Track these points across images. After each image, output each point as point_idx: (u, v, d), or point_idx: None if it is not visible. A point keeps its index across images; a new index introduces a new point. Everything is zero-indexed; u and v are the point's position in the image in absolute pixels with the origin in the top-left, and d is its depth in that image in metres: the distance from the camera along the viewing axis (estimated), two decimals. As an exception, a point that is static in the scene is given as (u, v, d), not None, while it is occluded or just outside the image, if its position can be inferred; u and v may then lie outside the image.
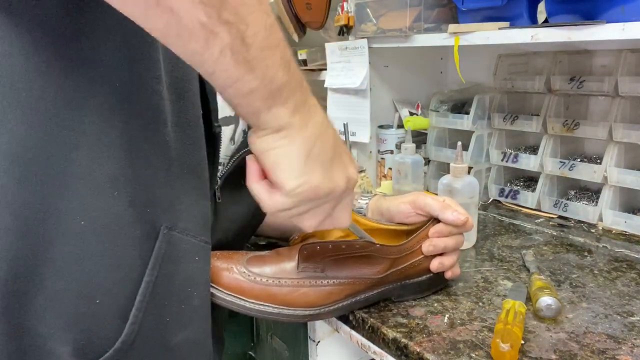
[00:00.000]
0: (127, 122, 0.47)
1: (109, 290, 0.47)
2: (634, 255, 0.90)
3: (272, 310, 0.65)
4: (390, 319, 0.69)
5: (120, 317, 0.48)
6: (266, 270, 0.66)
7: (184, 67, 0.52)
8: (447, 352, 0.61)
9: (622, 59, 0.99)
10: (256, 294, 0.65)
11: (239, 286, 0.64)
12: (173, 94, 0.52)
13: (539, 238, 0.99)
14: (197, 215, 0.55)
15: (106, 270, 0.47)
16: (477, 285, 0.79)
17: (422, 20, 1.13)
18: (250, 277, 0.65)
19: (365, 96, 1.27)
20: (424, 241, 0.72)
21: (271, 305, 0.65)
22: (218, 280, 0.64)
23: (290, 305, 0.65)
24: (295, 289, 0.66)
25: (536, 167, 1.12)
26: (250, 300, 0.64)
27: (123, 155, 0.47)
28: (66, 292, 0.45)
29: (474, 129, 1.19)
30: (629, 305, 0.72)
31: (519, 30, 0.94)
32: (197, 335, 0.56)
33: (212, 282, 0.62)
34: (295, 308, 0.66)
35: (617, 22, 0.80)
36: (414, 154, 1.14)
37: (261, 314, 0.65)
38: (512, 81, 1.18)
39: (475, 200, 0.93)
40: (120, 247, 0.47)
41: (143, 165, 0.48)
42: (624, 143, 1.00)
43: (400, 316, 0.70)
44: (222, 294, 0.64)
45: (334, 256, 0.67)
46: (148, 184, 0.49)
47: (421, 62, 1.39)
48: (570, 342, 0.63)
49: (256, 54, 0.41)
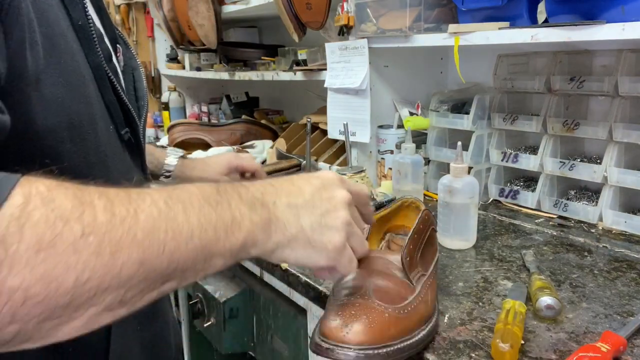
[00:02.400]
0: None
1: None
2: (634, 255, 0.90)
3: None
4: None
5: (103, 344, 0.54)
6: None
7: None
8: (447, 352, 0.61)
9: (622, 59, 0.99)
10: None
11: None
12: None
13: (539, 238, 0.99)
14: None
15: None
16: (477, 285, 0.79)
17: (422, 20, 1.13)
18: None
19: (365, 96, 1.27)
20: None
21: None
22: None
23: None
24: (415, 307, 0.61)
25: (536, 167, 1.12)
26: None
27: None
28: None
29: (474, 129, 1.19)
30: (629, 305, 0.72)
31: (519, 30, 0.94)
32: (162, 325, 0.66)
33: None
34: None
35: (617, 22, 0.80)
36: (414, 154, 1.14)
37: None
38: (512, 81, 1.18)
39: (475, 200, 0.93)
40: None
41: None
42: (624, 143, 1.00)
43: (400, 316, 0.70)
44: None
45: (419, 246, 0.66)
46: None
47: (421, 62, 1.39)
48: (570, 342, 0.63)
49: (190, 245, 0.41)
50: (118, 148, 0.58)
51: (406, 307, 0.59)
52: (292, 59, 1.65)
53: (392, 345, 0.55)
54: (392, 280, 0.62)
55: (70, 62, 0.49)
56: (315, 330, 0.58)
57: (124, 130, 0.58)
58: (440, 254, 0.91)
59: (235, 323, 1.09)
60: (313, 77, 1.45)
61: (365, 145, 1.32)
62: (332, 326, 0.55)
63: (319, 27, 1.40)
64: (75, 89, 0.49)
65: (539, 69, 1.20)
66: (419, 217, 0.68)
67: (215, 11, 1.80)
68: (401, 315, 0.58)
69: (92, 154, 0.51)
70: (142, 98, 0.67)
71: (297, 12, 1.41)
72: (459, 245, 0.94)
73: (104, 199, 0.37)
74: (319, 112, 1.60)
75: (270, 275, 0.94)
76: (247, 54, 2.00)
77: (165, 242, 0.38)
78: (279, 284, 0.93)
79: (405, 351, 0.57)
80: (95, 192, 0.37)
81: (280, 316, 1.00)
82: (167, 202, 0.40)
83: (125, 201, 0.38)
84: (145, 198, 0.39)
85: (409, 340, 0.58)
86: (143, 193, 0.40)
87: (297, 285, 0.86)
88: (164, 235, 0.38)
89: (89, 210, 0.35)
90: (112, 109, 0.56)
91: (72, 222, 0.34)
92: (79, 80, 0.50)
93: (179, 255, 0.39)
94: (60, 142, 0.47)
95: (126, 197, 0.38)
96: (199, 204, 0.42)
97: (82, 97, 0.50)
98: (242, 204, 0.45)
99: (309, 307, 0.88)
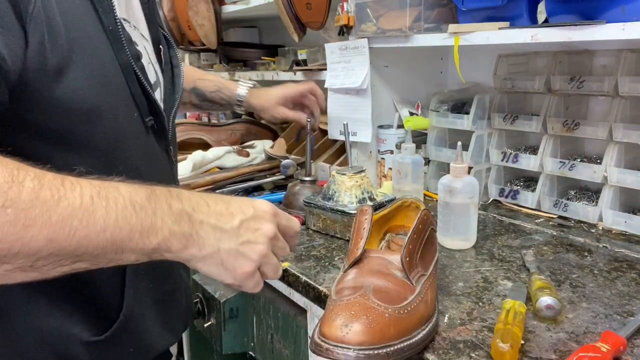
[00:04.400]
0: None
1: (101, 280, 0.62)
2: (634, 255, 0.90)
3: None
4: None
5: (118, 296, 0.64)
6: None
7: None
8: (447, 352, 0.61)
9: (622, 59, 0.99)
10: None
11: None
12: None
13: (539, 238, 0.99)
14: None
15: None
16: (477, 285, 0.79)
17: (422, 20, 1.13)
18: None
19: (365, 96, 1.27)
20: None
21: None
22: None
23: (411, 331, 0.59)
24: (415, 305, 0.61)
25: (536, 167, 1.12)
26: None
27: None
28: (64, 288, 0.59)
29: (474, 129, 1.19)
30: (629, 305, 0.72)
31: (519, 30, 0.94)
32: (173, 287, 0.75)
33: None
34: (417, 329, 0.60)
35: (617, 22, 0.80)
36: (414, 154, 1.14)
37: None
38: (512, 81, 1.18)
39: (475, 200, 0.93)
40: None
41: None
42: (624, 143, 1.00)
43: (400, 316, 0.70)
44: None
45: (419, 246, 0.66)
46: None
47: (421, 62, 1.39)
48: (570, 342, 0.63)
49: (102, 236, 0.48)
50: (142, 132, 0.67)
51: (406, 307, 0.59)
52: (292, 59, 1.65)
53: (392, 345, 0.55)
54: (392, 280, 0.62)
55: (95, 60, 0.58)
56: (315, 330, 0.58)
57: (148, 118, 0.67)
58: (440, 254, 0.91)
59: (235, 323, 1.09)
60: (313, 77, 1.45)
61: (365, 145, 1.32)
62: (331, 326, 0.55)
63: (319, 27, 1.40)
64: (98, 82, 0.58)
65: (539, 69, 1.20)
66: (418, 217, 0.68)
67: (215, 11, 1.80)
68: (401, 315, 0.58)
69: (110, 134, 0.60)
70: (177, 92, 0.79)
71: (297, 12, 1.41)
72: (459, 245, 0.94)
73: (36, 181, 0.44)
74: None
75: (270, 275, 0.94)
76: (247, 54, 2.00)
77: (77, 229, 0.45)
78: (279, 284, 0.93)
79: (406, 351, 0.57)
80: (32, 174, 0.44)
81: (280, 316, 1.00)
82: (93, 196, 0.47)
83: (55, 187, 0.45)
84: (76, 188, 0.46)
85: (409, 340, 0.58)
86: (76, 184, 0.47)
87: (297, 285, 0.86)
88: (77, 223, 0.45)
89: (16, 188, 0.42)
90: (137, 99, 0.65)
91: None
92: (102, 75, 0.59)
93: (88, 243, 0.46)
94: (78, 122, 0.57)
95: (59, 184, 0.45)
96: (123, 205, 0.49)
97: (105, 88, 0.59)
98: (168, 215, 0.52)
99: (309, 307, 0.88)
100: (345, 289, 0.61)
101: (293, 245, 0.65)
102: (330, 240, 1.01)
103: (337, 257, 0.91)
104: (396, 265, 0.65)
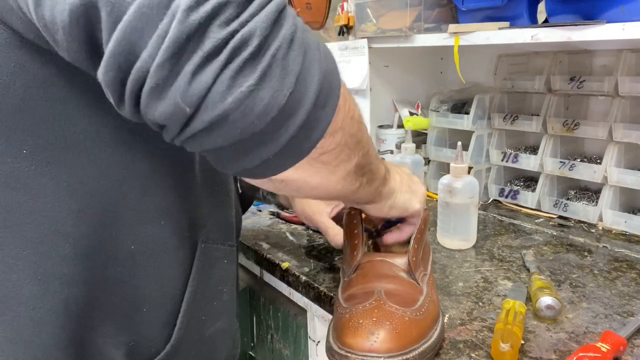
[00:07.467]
0: (173, 157, 0.53)
1: (156, 301, 0.55)
2: (634, 255, 0.90)
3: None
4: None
5: (168, 323, 0.56)
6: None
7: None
8: (447, 352, 0.61)
9: (622, 59, 0.99)
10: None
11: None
12: None
13: (539, 238, 0.99)
14: (224, 224, 0.62)
15: (152, 286, 0.53)
16: (477, 285, 0.79)
17: (422, 20, 1.13)
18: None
19: (365, 96, 1.27)
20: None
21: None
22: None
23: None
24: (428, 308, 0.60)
25: (536, 167, 1.12)
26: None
27: (170, 188, 0.53)
28: (117, 306, 0.52)
29: (474, 129, 1.19)
30: (629, 305, 0.72)
31: (519, 30, 0.94)
32: (226, 325, 0.65)
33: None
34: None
35: (617, 22, 0.80)
36: (414, 154, 1.14)
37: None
38: (512, 81, 1.18)
39: (475, 200, 0.93)
40: (165, 266, 0.54)
41: (185, 194, 0.55)
42: (624, 143, 1.00)
43: (400, 316, 0.70)
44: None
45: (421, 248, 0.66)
46: (188, 209, 0.55)
47: (421, 62, 1.39)
48: (570, 342, 0.63)
49: (375, 165, 0.55)
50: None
51: (420, 309, 0.58)
52: (292, 59, 1.64)
53: (416, 349, 0.54)
54: (400, 282, 0.62)
55: None
56: (332, 341, 0.56)
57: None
58: (440, 254, 0.91)
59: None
60: (313, 77, 1.44)
61: (365, 145, 1.32)
62: (356, 335, 0.53)
63: (319, 27, 1.40)
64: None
65: (539, 69, 1.20)
66: (421, 218, 0.69)
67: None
68: (418, 317, 0.57)
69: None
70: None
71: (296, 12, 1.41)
72: (459, 245, 0.94)
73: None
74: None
75: (270, 275, 0.94)
76: (247, 54, 2.00)
77: (369, 149, 0.52)
78: (279, 284, 0.93)
79: (428, 352, 0.56)
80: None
81: (280, 316, 1.00)
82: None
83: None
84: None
85: (428, 341, 0.57)
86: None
87: (297, 285, 0.86)
88: (373, 151, 0.53)
89: (360, 123, 0.49)
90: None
91: (361, 123, 0.50)
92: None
93: (368, 161, 0.52)
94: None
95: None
96: (378, 160, 0.57)
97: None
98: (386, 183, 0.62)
99: (309, 307, 0.88)
100: (355, 295, 0.60)
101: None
102: (330, 240, 1.01)
103: (337, 257, 0.91)
104: (399, 266, 0.64)
